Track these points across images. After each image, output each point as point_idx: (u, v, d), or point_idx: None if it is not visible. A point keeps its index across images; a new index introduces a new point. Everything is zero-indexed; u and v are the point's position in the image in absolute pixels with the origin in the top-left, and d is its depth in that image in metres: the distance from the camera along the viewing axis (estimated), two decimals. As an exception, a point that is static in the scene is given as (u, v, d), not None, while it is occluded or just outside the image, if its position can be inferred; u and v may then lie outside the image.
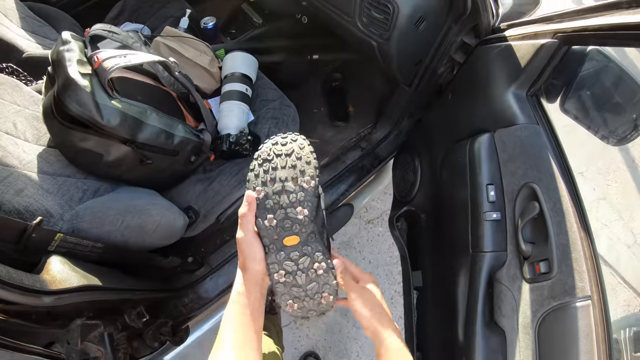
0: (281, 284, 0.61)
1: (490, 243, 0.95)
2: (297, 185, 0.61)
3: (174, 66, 1.11)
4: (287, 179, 0.61)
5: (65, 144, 0.99)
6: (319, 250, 0.61)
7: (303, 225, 0.60)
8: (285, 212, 0.60)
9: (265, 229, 0.60)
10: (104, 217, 0.96)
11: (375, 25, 1.13)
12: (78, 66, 0.96)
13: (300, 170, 0.61)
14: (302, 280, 0.61)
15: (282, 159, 0.61)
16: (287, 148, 0.62)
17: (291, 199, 0.60)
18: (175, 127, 1.11)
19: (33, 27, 1.36)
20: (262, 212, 0.60)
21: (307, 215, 0.60)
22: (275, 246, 0.60)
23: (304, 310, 0.62)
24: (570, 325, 0.78)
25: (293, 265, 0.61)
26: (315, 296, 0.61)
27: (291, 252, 0.61)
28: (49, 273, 0.75)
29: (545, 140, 0.91)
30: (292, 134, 0.64)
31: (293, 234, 0.60)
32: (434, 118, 1.29)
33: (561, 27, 0.87)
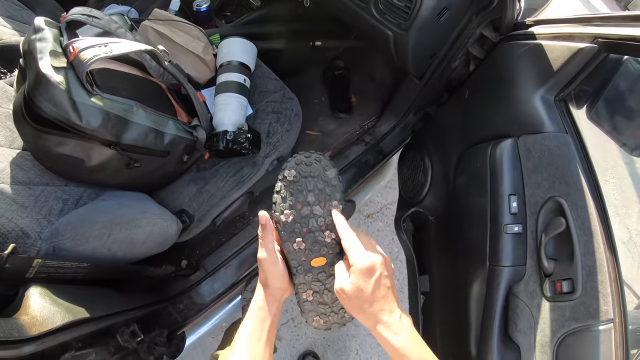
0: (309, 302, 0.63)
1: (510, 257, 0.90)
2: (325, 209, 0.62)
3: (163, 55, 0.98)
4: (314, 203, 0.62)
5: (40, 150, 0.86)
6: None
7: (330, 247, 0.62)
8: (314, 235, 0.62)
9: (293, 252, 0.62)
10: (88, 232, 0.85)
11: (394, 13, 1.01)
12: (51, 58, 0.83)
13: (328, 194, 0.62)
14: (328, 299, 0.63)
15: (309, 181, 0.62)
16: (312, 169, 0.62)
17: (319, 223, 0.62)
18: (165, 124, 0.99)
19: (10, 11, 1.21)
20: (291, 236, 0.62)
21: (335, 238, 0.62)
22: (303, 268, 0.62)
23: (329, 323, 0.65)
24: (591, 348, 0.76)
25: (320, 285, 0.63)
26: (340, 311, 0.64)
27: (319, 273, 0.63)
28: (28, 312, 0.65)
29: (574, 151, 0.85)
30: (315, 153, 0.64)
31: (320, 256, 0.62)
32: (448, 116, 1.20)
33: (603, 32, 0.79)
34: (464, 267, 1.03)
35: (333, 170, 0.63)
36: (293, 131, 1.14)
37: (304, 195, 0.61)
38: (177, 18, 1.14)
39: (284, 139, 1.13)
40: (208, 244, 1.29)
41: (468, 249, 1.02)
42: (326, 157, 0.64)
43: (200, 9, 1.30)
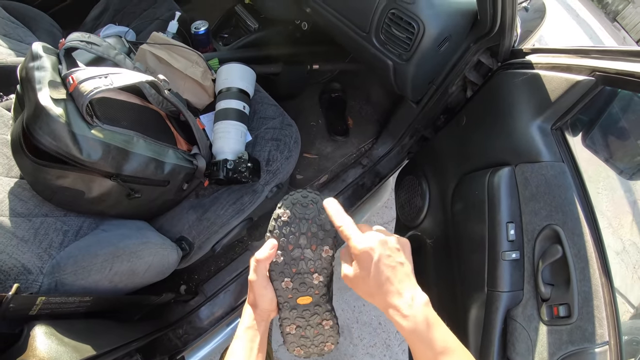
0: (291, 335, 0.66)
1: (508, 283, 0.92)
2: (316, 252, 0.63)
3: (163, 84, 0.97)
4: (306, 246, 0.62)
5: (40, 183, 0.85)
6: (327, 310, 0.65)
7: (317, 288, 0.64)
8: (302, 277, 0.63)
9: (281, 290, 0.63)
10: (90, 265, 0.84)
11: (395, 44, 1.02)
12: (50, 90, 0.81)
13: (320, 238, 0.62)
14: (310, 334, 0.66)
15: (303, 224, 0.62)
16: (308, 211, 0.63)
17: (308, 266, 0.63)
18: (165, 153, 0.99)
19: (6, 29, 1.18)
20: (280, 275, 0.63)
21: (322, 281, 0.63)
22: (289, 304, 0.64)
23: (308, 353, 0.68)
24: (587, 370, 0.79)
25: (304, 322, 0.65)
26: (320, 345, 0.67)
27: (303, 311, 0.64)
28: (36, 355, 0.64)
29: (571, 180, 0.88)
30: (312, 192, 0.64)
31: (307, 295, 0.64)
32: (445, 142, 1.22)
33: (601, 65, 0.81)
34: (462, 292, 1.04)
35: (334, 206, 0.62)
36: (292, 158, 1.15)
37: (296, 237, 0.62)
38: (175, 42, 1.13)
39: (283, 167, 1.13)
40: (207, 269, 1.28)
41: (466, 273, 1.03)
42: (322, 198, 0.64)
43: (198, 31, 1.30)
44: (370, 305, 1.92)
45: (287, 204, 0.62)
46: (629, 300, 1.89)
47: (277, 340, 1.71)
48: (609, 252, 0.88)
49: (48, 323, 0.70)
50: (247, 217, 1.14)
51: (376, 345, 1.87)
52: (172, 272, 1.07)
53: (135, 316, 1.06)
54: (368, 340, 1.88)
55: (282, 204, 0.63)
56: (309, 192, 0.64)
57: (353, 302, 1.92)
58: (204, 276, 1.27)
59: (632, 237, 2.20)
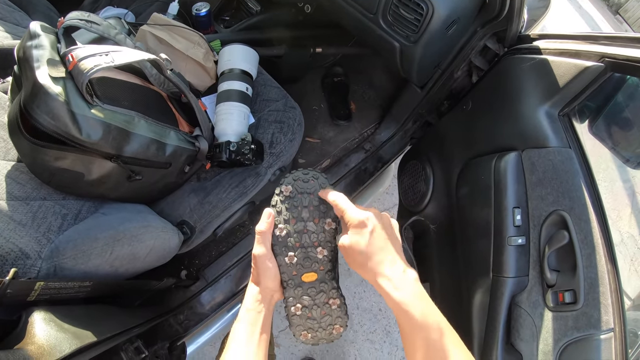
0: (297, 317, 0.63)
1: (514, 269, 0.91)
2: (319, 225, 0.63)
3: (165, 64, 0.94)
4: (308, 219, 0.63)
5: (37, 164, 0.82)
6: (334, 288, 0.64)
7: (322, 263, 0.63)
8: (306, 251, 0.63)
9: (285, 266, 0.62)
10: (90, 250, 0.82)
11: (402, 25, 1.00)
12: (49, 68, 0.78)
13: (322, 211, 0.63)
14: (317, 314, 0.63)
15: (305, 198, 0.63)
16: (309, 186, 0.64)
17: (312, 239, 0.63)
18: (167, 135, 0.96)
19: (2, 12, 1.15)
20: (283, 249, 0.62)
21: (326, 255, 0.63)
22: (294, 282, 0.63)
23: (316, 339, 0.65)
24: (593, 356, 0.79)
25: (310, 300, 0.63)
26: (328, 327, 0.64)
27: (309, 288, 0.63)
28: (34, 342, 0.63)
29: (578, 166, 0.87)
30: (313, 170, 0.65)
31: (312, 271, 0.63)
32: (450, 127, 1.20)
33: (610, 51, 0.80)
34: (466, 277, 1.04)
35: (330, 188, 0.64)
36: (296, 141, 1.13)
37: (298, 211, 0.63)
38: (176, 23, 1.10)
39: (287, 149, 1.11)
40: (208, 253, 1.27)
41: (471, 259, 1.03)
42: (323, 176, 0.65)
43: (199, 13, 1.26)
44: (371, 291, 1.93)
45: (289, 180, 0.63)
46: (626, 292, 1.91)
47: (277, 325, 1.72)
48: (607, 244, 0.89)
49: (47, 309, 0.68)
50: (249, 201, 1.13)
51: (376, 332, 1.88)
52: (173, 257, 1.05)
53: (136, 302, 1.05)
54: (368, 327, 1.89)
55: (284, 180, 0.64)
56: (310, 170, 0.65)
57: (354, 288, 1.93)
58: (205, 261, 1.26)
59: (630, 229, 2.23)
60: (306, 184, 0.63)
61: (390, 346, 1.86)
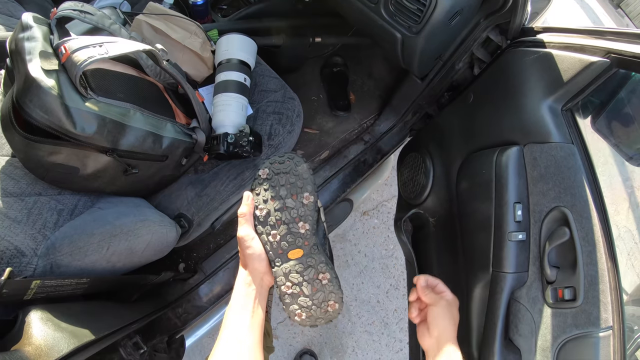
0: (289, 295, 0.64)
1: (514, 264, 0.91)
2: (297, 201, 0.65)
3: (161, 55, 0.92)
4: (287, 196, 0.65)
5: (32, 160, 0.80)
6: (322, 262, 0.65)
7: (305, 238, 0.65)
8: (288, 227, 0.64)
9: (270, 244, 0.64)
10: (87, 246, 0.81)
11: (405, 15, 0.97)
12: (41, 60, 0.76)
13: (299, 186, 0.65)
14: (308, 291, 0.64)
15: (281, 177, 0.65)
16: (284, 166, 0.66)
17: (292, 215, 0.65)
18: (163, 127, 0.95)
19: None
20: (266, 228, 0.64)
21: (309, 229, 0.65)
22: (281, 260, 0.64)
23: (312, 319, 0.65)
24: (591, 353, 0.79)
25: (299, 277, 0.64)
26: (322, 305, 0.65)
27: (296, 265, 0.64)
28: (32, 342, 0.62)
29: (580, 162, 0.86)
30: (288, 153, 0.68)
31: (297, 248, 0.64)
32: (451, 119, 1.18)
33: (616, 47, 0.78)
34: (465, 271, 1.04)
35: (304, 165, 0.66)
36: (295, 132, 1.11)
37: (276, 190, 0.65)
38: (173, 12, 1.07)
39: (285, 141, 1.10)
40: (206, 246, 1.26)
41: (470, 253, 1.03)
42: (298, 155, 0.68)
43: (196, 2, 1.23)
44: (369, 283, 1.94)
45: (266, 164, 0.67)
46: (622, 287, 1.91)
47: (276, 317, 1.72)
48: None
49: (44, 308, 0.68)
50: (247, 194, 1.11)
51: (374, 323, 1.90)
52: (171, 250, 1.05)
53: (134, 296, 1.04)
54: (366, 318, 1.91)
55: (261, 165, 0.67)
56: (285, 153, 0.68)
57: (352, 279, 1.94)
58: (203, 254, 1.25)
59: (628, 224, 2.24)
60: (281, 165, 0.66)
61: (388, 338, 1.88)
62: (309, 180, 0.66)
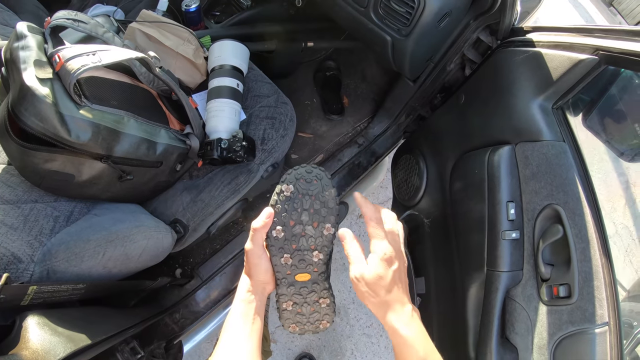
0: (287, 311, 0.66)
1: (508, 263, 0.91)
2: (317, 230, 0.62)
3: (154, 62, 0.93)
4: (308, 222, 0.62)
5: (27, 167, 0.81)
6: (325, 288, 0.65)
7: (316, 266, 0.64)
8: (302, 254, 0.63)
9: (280, 266, 0.63)
10: (82, 252, 0.82)
11: (394, 18, 0.99)
12: (36, 69, 0.77)
13: (323, 216, 0.62)
14: (306, 311, 0.66)
15: (306, 200, 0.61)
16: (311, 187, 0.61)
17: (309, 243, 0.62)
18: (157, 133, 0.95)
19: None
20: (279, 251, 0.62)
21: (322, 259, 0.63)
22: (287, 280, 0.64)
23: (303, 330, 0.68)
24: (588, 350, 0.79)
25: (301, 299, 0.65)
26: (315, 322, 0.67)
27: (301, 288, 0.64)
28: (29, 347, 0.62)
29: (572, 160, 0.87)
30: (317, 168, 0.62)
31: (306, 272, 0.64)
32: (443, 120, 1.19)
33: (605, 44, 0.79)
34: (461, 271, 1.04)
35: (332, 191, 0.62)
36: (288, 137, 1.12)
37: (298, 214, 0.61)
38: (166, 20, 1.08)
39: (279, 145, 1.11)
40: (202, 251, 1.27)
41: (465, 253, 1.03)
42: (327, 175, 0.63)
43: (189, 9, 1.24)
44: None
45: (291, 178, 0.61)
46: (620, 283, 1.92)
47: (274, 322, 1.72)
48: (601, 235, 0.89)
49: (41, 313, 0.68)
50: (242, 198, 1.12)
51: (372, 326, 1.89)
52: (167, 256, 1.05)
53: (131, 302, 1.05)
54: (365, 321, 1.90)
55: (286, 178, 0.61)
56: (314, 168, 0.62)
57: (349, 282, 1.92)
58: (199, 259, 1.26)
59: (625, 221, 2.23)
60: (309, 185, 0.61)
61: (387, 340, 1.87)
62: (334, 210, 0.62)
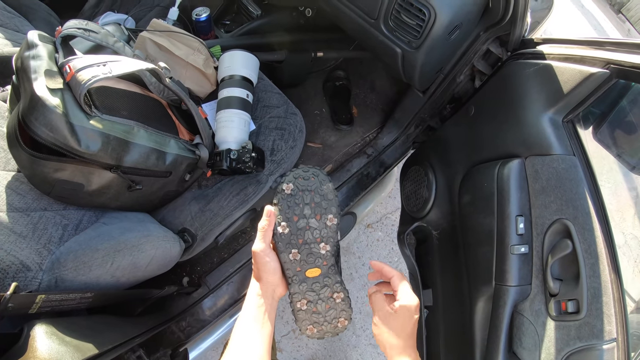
0: (303, 311, 0.66)
1: (517, 277, 0.90)
2: (321, 222, 0.64)
3: (164, 72, 0.94)
4: (310, 216, 0.64)
5: (37, 176, 0.82)
6: (337, 282, 0.66)
7: (325, 259, 0.65)
8: (309, 247, 0.64)
9: (289, 262, 0.64)
10: (91, 261, 0.82)
11: (404, 31, 0.99)
12: (46, 79, 0.79)
13: (324, 207, 0.65)
14: (322, 308, 0.66)
15: (306, 195, 0.64)
16: (310, 183, 0.65)
17: (314, 235, 0.64)
18: (167, 144, 0.96)
19: (2, 19, 1.15)
20: (287, 247, 0.64)
21: (329, 250, 0.65)
22: (298, 278, 0.65)
23: (322, 332, 0.67)
24: (595, 366, 0.78)
25: (314, 295, 0.66)
26: (333, 321, 0.67)
27: (313, 284, 0.65)
28: (37, 356, 0.63)
29: (582, 174, 0.86)
30: (313, 167, 0.66)
31: (315, 267, 0.65)
32: (452, 132, 1.19)
33: (616, 58, 0.78)
34: (468, 284, 1.03)
35: (330, 185, 0.66)
36: (297, 148, 1.12)
37: (300, 208, 0.64)
38: (176, 29, 1.09)
39: (288, 156, 1.11)
40: (210, 260, 1.27)
41: (473, 266, 1.02)
42: (323, 172, 0.66)
43: (199, 18, 1.25)
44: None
45: (290, 178, 0.65)
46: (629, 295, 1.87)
47: (280, 330, 1.72)
48: (610, 246, 0.88)
49: (49, 322, 0.69)
50: (250, 208, 1.12)
51: (379, 336, 1.86)
52: (175, 265, 1.05)
53: (138, 310, 1.05)
54: (371, 331, 1.85)
55: (285, 179, 0.65)
56: (310, 167, 0.66)
57: (356, 292, 1.92)
58: (206, 268, 1.26)
59: (634, 231, 2.19)
60: (307, 182, 0.65)
61: (393, 350, 1.85)
62: (333, 201, 0.65)
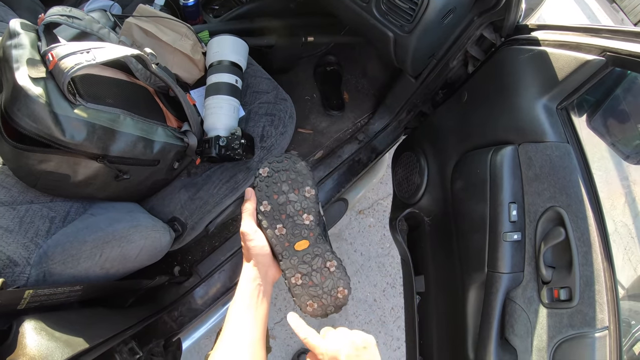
0: (299, 287, 0.67)
1: (509, 264, 0.91)
2: (300, 195, 0.68)
3: (150, 58, 0.91)
4: (289, 191, 0.68)
5: (22, 169, 0.80)
6: (328, 250, 0.68)
7: (310, 229, 0.67)
8: (293, 220, 0.67)
9: (276, 238, 0.66)
10: (79, 253, 0.81)
11: (397, 14, 0.97)
12: (28, 68, 0.75)
13: (300, 182, 0.68)
14: (317, 280, 0.67)
15: (282, 174, 0.68)
16: (284, 165, 0.69)
17: (296, 208, 0.67)
18: (154, 131, 0.94)
19: None
20: (272, 223, 0.67)
21: (313, 221, 0.67)
22: (288, 252, 0.66)
23: (323, 307, 0.67)
24: (587, 354, 0.79)
25: (307, 267, 0.67)
26: (332, 292, 0.67)
27: (304, 256, 0.67)
28: (26, 353, 0.62)
29: (576, 162, 0.86)
30: (285, 154, 0.70)
31: (303, 239, 0.67)
32: (445, 118, 1.18)
33: (612, 45, 0.77)
34: (461, 271, 1.04)
35: (302, 163, 0.69)
36: (287, 134, 1.10)
37: (278, 187, 0.67)
38: (163, 14, 1.05)
39: (278, 143, 1.09)
40: (201, 249, 1.26)
41: (466, 253, 1.02)
42: (295, 154, 0.70)
43: (187, 3, 1.21)
44: (365, 282, 1.94)
45: (265, 164, 0.69)
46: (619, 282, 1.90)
47: (273, 317, 1.73)
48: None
49: (37, 317, 0.67)
50: (241, 195, 1.11)
51: (371, 322, 1.90)
52: (166, 255, 1.04)
53: (129, 301, 1.04)
54: (363, 317, 1.91)
55: (260, 166, 0.69)
56: (282, 154, 0.70)
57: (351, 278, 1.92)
58: (198, 257, 1.25)
59: (624, 219, 2.23)
60: (280, 164, 0.68)
61: (386, 336, 1.88)
62: (308, 175, 0.68)
